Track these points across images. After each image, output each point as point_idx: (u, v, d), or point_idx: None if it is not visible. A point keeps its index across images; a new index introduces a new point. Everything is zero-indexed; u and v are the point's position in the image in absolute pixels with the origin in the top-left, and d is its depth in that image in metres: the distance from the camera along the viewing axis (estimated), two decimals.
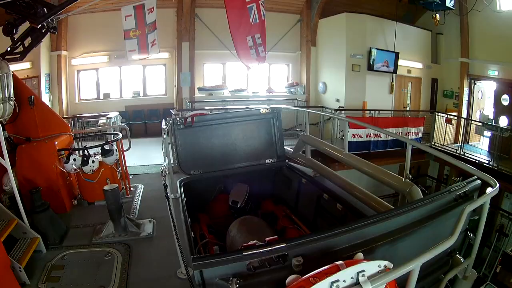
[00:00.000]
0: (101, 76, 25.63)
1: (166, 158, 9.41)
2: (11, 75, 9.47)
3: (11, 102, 9.52)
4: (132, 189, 11.94)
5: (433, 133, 23.11)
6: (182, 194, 8.60)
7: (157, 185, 12.01)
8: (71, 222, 9.65)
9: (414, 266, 3.31)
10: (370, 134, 20.38)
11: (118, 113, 21.74)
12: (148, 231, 9.00)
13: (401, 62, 24.72)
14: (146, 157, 16.14)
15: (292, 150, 11.41)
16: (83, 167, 10.52)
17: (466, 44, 23.64)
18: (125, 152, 12.07)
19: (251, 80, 27.56)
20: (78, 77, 25.02)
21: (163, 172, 7.31)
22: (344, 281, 3.12)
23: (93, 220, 9.65)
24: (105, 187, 8.77)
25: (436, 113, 23.61)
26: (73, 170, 10.44)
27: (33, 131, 10.46)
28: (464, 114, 24.38)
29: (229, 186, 10.89)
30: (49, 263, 7.71)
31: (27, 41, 10.69)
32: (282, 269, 3.67)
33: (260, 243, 4.33)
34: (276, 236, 6.56)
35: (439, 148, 21.88)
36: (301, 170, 10.30)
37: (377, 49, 23.83)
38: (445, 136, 22.97)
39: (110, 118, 19.80)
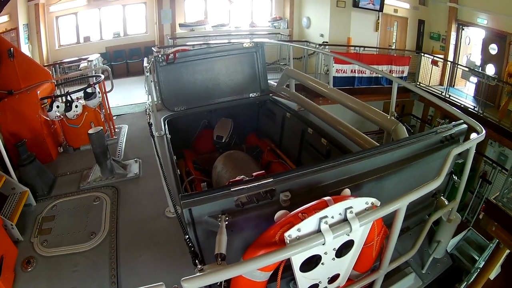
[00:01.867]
0: (80, 20, 25.39)
1: (150, 96, 9.38)
2: None
3: None
4: (116, 130, 11.87)
5: (418, 73, 23.30)
6: (167, 131, 8.65)
7: (141, 124, 11.93)
8: (58, 170, 9.68)
9: (401, 205, 3.44)
10: (355, 70, 20.58)
11: (99, 55, 21.74)
12: (135, 172, 9.04)
13: (387, 1, 24.72)
14: (129, 96, 16.24)
15: (276, 84, 11.46)
16: (66, 113, 10.41)
17: None
18: (108, 94, 11.93)
19: (233, 15, 27.59)
20: (57, 23, 24.81)
21: (147, 110, 7.32)
22: (333, 217, 3.21)
23: (79, 165, 9.69)
24: (90, 131, 8.72)
25: (422, 54, 23.71)
26: (56, 117, 10.35)
27: (15, 83, 10.36)
28: (450, 58, 24.45)
29: (213, 122, 11.05)
30: (40, 216, 7.77)
31: None
32: (270, 205, 3.79)
33: (247, 178, 4.46)
34: (263, 171, 6.64)
35: (424, 89, 21.91)
36: (285, 104, 10.43)
37: None
38: (430, 77, 23.21)
39: (91, 60, 19.74)
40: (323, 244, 3.11)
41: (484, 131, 5.02)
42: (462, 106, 20.35)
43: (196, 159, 10.39)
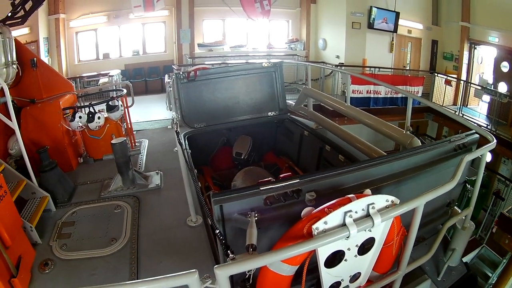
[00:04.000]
0: (100, 36, 25.58)
1: (174, 108, 9.41)
2: (13, 40, 9.53)
3: (14, 66, 9.61)
4: (136, 143, 12.07)
5: (432, 93, 23.24)
6: (187, 147, 8.74)
7: (161, 139, 12.32)
8: (78, 180, 9.77)
9: (418, 204, 3.62)
10: (370, 90, 20.57)
11: (120, 70, 21.87)
12: (156, 183, 9.14)
13: (401, 22, 24.72)
14: (148, 113, 16.23)
15: (293, 103, 11.44)
16: (89, 124, 10.60)
17: (467, 8, 23.53)
18: (128, 109, 12.12)
19: (251, 36, 27.65)
20: (76, 39, 24.99)
21: (174, 119, 7.38)
22: (356, 212, 3.32)
23: (100, 176, 9.77)
24: (113, 141, 8.86)
25: (436, 74, 23.72)
26: (79, 127, 10.51)
27: (37, 93, 10.51)
28: (463, 77, 24.37)
29: (232, 139, 11.03)
30: (59, 221, 7.84)
31: (28, 5, 10.72)
32: (297, 204, 3.85)
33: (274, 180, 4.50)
34: (290, 173, 6.71)
35: (436, 104, 21.90)
36: (303, 122, 10.37)
37: (377, 7, 23.83)
38: (444, 97, 23.09)
39: (112, 75, 19.90)
40: (348, 238, 3.21)
41: (495, 140, 5.17)
42: (475, 124, 20.07)
43: (215, 175, 10.38)
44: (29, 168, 8.24)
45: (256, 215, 3.90)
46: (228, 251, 3.23)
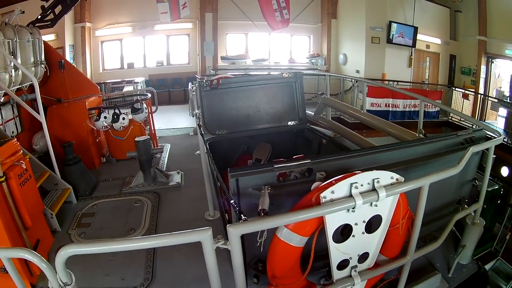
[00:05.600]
0: (125, 46, 25.84)
1: (199, 111, 9.56)
2: (42, 41, 9.80)
3: (42, 66, 9.92)
4: (159, 146, 12.16)
5: (450, 107, 23.14)
6: (208, 151, 8.88)
7: (183, 144, 12.51)
8: (101, 177, 9.97)
9: (423, 183, 3.71)
10: (389, 104, 20.55)
11: (144, 78, 22.05)
12: (177, 181, 9.31)
13: (420, 36, 24.66)
14: (170, 122, 16.21)
15: (313, 113, 11.48)
16: (113, 124, 10.83)
17: (484, 22, 23.44)
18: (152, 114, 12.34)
19: (273, 50, 27.62)
20: (102, 47, 25.29)
21: (198, 115, 7.48)
22: (362, 185, 3.44)
23: (122, 174, 9.96)
24: (137, 138, 9.10)
25: (453, 88, 23.69)
26: (103, 127, 10.76)
27: (63, 93, 10.79)
28: (481, 92, 24.17)
29: (253, 147, 10.91)
30: (80, 212, 8.03)
31: (57, 9, 10.96)
32: (308, 182, 3.90)
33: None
34: (303, 155, 6.81)
35: (456, 123, 21.91)
36: (322, 132, 10.37)
37: (396, 22, 23.88)
38: (461, 111, 22.80)
39: (137, 82, 20.09)
40: (354, 208, 3.35)
41: (502, 136, 5.28)
42: (492, 138, 19.91)
43: None
44: (53, 160, 8.43)
45: (269, 189, 3.99)
46: (241, 215, 3.38)
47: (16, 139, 6.53)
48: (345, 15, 26.23)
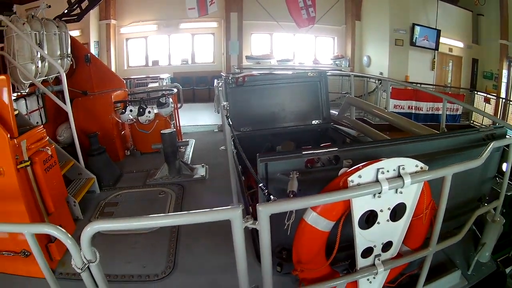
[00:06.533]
0: (150, 44, 25.93)
1: (226, 103, 9.57)
2: (68, 35, 9.87)
3: (68, 59, 9.96)
4: (184, 140, 12.02)
5: (471, 111, 22.98)
6: (232, 147, 8.85)
7: (208, 140, 12.52)
8: (125, 169, 10.01)
9: (446, 173, 3.69)
10: (412, 106, 20.35)
11: (169, 75, 22.11)
12: (201, 174, 9.28)
13: (442, 40, 24.49)
14: (195, 119, 16.20)
15: (337, 113, 11.42)
16: (139, 117, 10.85)
17: (506, 26, 23.25)
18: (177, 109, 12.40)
19: (298, 51, 27.47)
20: (126, 44, 25.44)
21: (225, 110, 7.47)
22: (388, 171, 3.46)
23: (146, 166, 9.98)
24: (163, 131, 9.10)
25: (475, 92, 23.50)
26: (129, 120, 10.79)
27: (89, 86, 10.86)
28: (502, 96, 23.96)
29: (276, 145, 10.76)
30: (103, 201, 8.04)
31: (84, 4, 11.01)
32: (335, 170, 3.85)
33: None
34: (330, 143, 6.81)
35: (477, 126, 21.58)
36: (346, 131, 10.31)
37: (419, 25, 23.73)
38: (483, 116, 22.68)
39: (163, 78, 20.13)
40: (380, 193, 3.38)
41: None
42: None
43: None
44: (78, 150, 8.51)
45: (298, 174, 3.97)
46: (270, 196, 3.39)
47: (42, 126, 6.60)
48: (369, 17, 26.09)
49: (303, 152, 4.29)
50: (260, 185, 3.81)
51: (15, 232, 5.26)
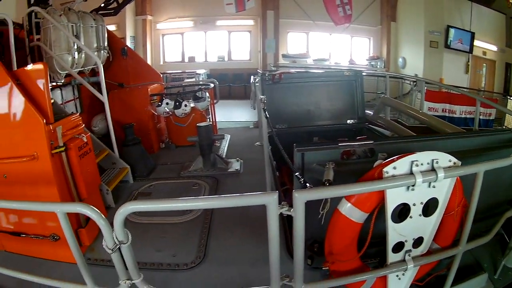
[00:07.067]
0: (186, 40, 26.07)
1: (264, 96, 9.58)
2: (105, 28, 9.98)
3: (105, 51, 10.04)
4: (220, 134, 12.02)
5: (504, 117, 22.68)
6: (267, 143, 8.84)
7: (243, 136, 12.43)
8: (159, 161, 10.01)
9: (479, 170, 3.65)
10: (446, 109, 20.05)
11: (206, 70, 22.17)
12: (236, 168, 9.19)
13: (476, 42, 24.23)
14: (230, 116, 16.33)
15: (372, 113, 11.36)
16: (175, 111, 10.85)
17: None
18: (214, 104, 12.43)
19: (334, 51, 27.40)
20: (163, 40, 25.68)
21: (263, 103, 7.48)
22: (422, 164, 3.46)
23: (181, 159, 9.95)
24: (199, 124, 9.09)
25: (509, 97, 23.16)
26: (165, 113, 10.82)
27: (125, 79, 10.97)
28: None
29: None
30: (136, 191, 8.03)
31: None
32: (370, 162, 3.83)
33: None
34: (366, 136, 6.81)
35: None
36: (380, 131, 10.30)
37: (454, 27, 23.50)
38: None
39: (199, 74, 20.19)
40: (414, 186, 3.39)
41: None
42: None
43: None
44: (113, 140, 8.56)
45: (333, 165, 3.98)
46: (307, 183, 3.53)
47: (78, 114, 6.68)
48: (404, 18, 25.90)
49: (340, 144, 4.30)
50: (297, 173, 3.87)
51: (46, 213, 5.24)
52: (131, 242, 3.27)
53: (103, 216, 3.17)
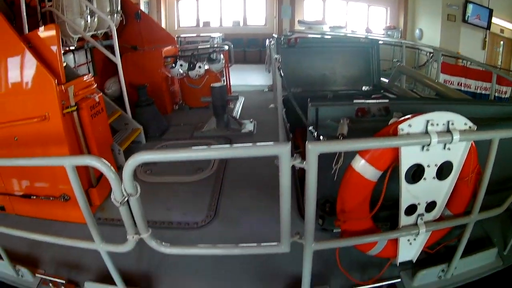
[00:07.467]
0: (201, 5, 25.79)
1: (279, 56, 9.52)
2: None
3: (118, 15, 10.05)
4: (234, 94, 12.17)
5: None
6: (282, 105, 8.79)
7: (257, 99, 12.46)
8: (172, 122, 10.05)
9: (494, 136, 3.61)
10: (461, 83, 19.89)
11: (221, 34, 22.22)
12: (249, 129, 9.23)
13: (494, 20, 23.83)
14: (245, 79, 16.22)
15: (387, 81, 11.22)
16: (189, 72, 10.79)
17: None
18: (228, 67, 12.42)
19: (350, 19, 26.98)
20: (177, 5, 25.43)
21: (278, 62, 7.43)
22: (437, 124, 3.40)
23: (194, 120, 9.97)
24: (213, 84, 9.06)
25: None
26: (179, 75, 10.78)
27: (139, 42, 10.96)
28: None
29: None
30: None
31: None
32: (384, 121, 3.79)
33: None
34: (380, 95, 6.80)
35: None
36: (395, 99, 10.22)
37: (472, 2, 23.14)
38: None
39: (214, 37, 20.26)
40: (428, 146, 3.37)
41: None
42: None
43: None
44: (126, 101, 8.55)
45: (348, 121, 3.97)
46: (320, 136, 3.59)
47: (90, 75, 6.74)
48: None
49: (355, 101, 4.30)
50: (310, 128, 3.91)
51: (57, 173, 5.48)
52: (140, 197, 3.25)
53: (112, 168, 3.11)
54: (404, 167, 3.51)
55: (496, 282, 4.94)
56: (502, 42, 24.93)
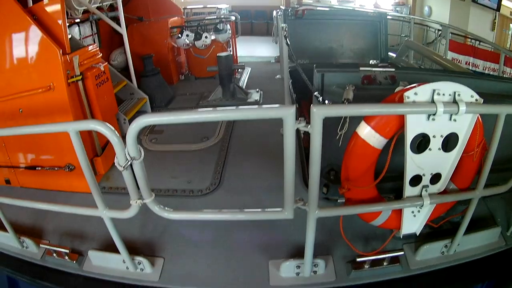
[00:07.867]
0: None
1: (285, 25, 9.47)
2: None
3: None
4: (240, 70, 12.06)
5: None
6: (289, 77, 8.72)
7: (264, 69, 12.34)
8: (178, 91, 10.03)
9: (501, 111, 3.58)
10: (469, 62, 19.82)
11: (228, 5, 21.85)
12: (255, 98, 9.19)
13: (504, 2, 23.33)
14: (252, 51, 16.26)
15: (395, 55, 11.26)
16: (195, 42, 10.76)
17: None
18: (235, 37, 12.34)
19: None
20: None
21: (285, 31, 7.40)
22: (444, 94, 3.36)
23: (200, 90, 9.97)
24: (219, 53, 8.98)
25: None
26: (185, 45, 10.75)
27: (144, 13, 10.96)
28: None
29: None
30: None
31: None
32: (390, 90, 3.76)
33: None
34: (388, 63, 6.80)
35: None
36: None
37: None
38: None
39: (221, 8, 20.10)
40: (434, 115, 3.33)
41: None
42: None
43: None
44: (131, 71, 8.49)
45: (353, 88, 4.01)
46: (326, 101, 3.63)
47: (96, 44, 6.74)
48: None
49: (361, 68, 4.26)
50: (315, 93, 3.92)
51: (61, 143, 5.46)
52: (147, 172, 3.31)
53: (116, 132, 3.11)
54: (409, 135, 3.48)
55: (498, 262, 4.92)
56: (511, 25, 24.73)
